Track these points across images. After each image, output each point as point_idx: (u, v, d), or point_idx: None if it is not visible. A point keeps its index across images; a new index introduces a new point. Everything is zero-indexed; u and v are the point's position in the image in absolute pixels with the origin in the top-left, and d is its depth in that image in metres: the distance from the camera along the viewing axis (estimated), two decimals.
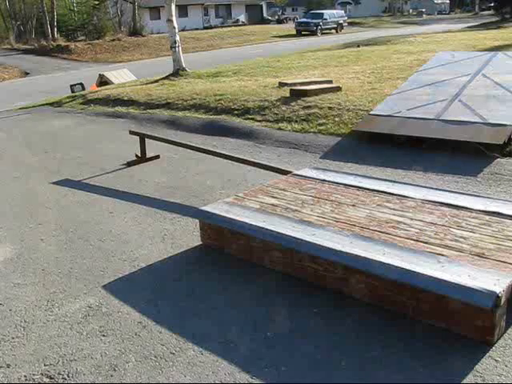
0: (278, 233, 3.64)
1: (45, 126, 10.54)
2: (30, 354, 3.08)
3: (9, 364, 3.01)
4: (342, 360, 2.81)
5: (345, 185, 4.50)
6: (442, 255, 3.15)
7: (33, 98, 15.31)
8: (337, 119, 7.86)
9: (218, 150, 6.31)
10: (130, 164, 6.97)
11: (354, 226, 3.64)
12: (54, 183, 6.44)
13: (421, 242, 3.36)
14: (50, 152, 8.19)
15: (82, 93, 14.10)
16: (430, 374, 2.67)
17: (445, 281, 2.87)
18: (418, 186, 4.57)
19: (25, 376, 2.90)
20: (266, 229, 3.72)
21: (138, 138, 7.08)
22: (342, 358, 2.83)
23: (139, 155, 7.04)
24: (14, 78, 26.94)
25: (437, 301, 2.95)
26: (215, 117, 9.27)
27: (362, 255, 3.20)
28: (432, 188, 4.48)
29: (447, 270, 2.97)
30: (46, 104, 13.40)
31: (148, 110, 10.62)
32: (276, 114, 8.62)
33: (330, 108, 8.32)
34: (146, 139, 7.06)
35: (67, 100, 13.28)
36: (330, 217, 3.83)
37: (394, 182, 4.65)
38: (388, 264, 3.07)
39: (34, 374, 2.91)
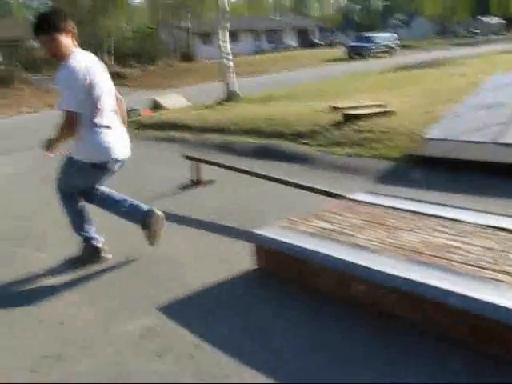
0: (333, 257, 3.64)
1: None
2: (89, 373, 3.16)
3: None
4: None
5: (399, 209, 4.47)
6: (501, 281, 3.09)
7: None
8: (390, 143, 7.82)
9: (270, 175, 6.34)
10: (184, 188, 7.08)
11: (410, 250, 3.61)
12: None
13: (478, 267, 3.30)
14: None
15: (136, 118, 14.41)
16: None
17: (503, 307, 2.82)
18: (474, 210, 4.50)
19: None
20: (321, 253, 3.73)
21: (191, 162, 7.20)
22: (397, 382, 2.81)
23: (194, 180, 7.14)
24: None
25: (495, 328, 2.89)
26: (267, 141, 9.34)
27: (418, 280, 3.18)
28: (490, 213, 4.40)
29: (506, 296, 2.92)
30: None
31: (201, 135, 10.77)
32: (328, 138, 8.64)
33: (382, 132, 8.29)
34: (201, 163, 7.17)
35: None
36: (384, 242, 3.81)
37: (450, 206, 4.59)
38: (444, 289, 3.04)
39: None
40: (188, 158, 7.29)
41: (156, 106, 16.37)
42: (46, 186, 5.43)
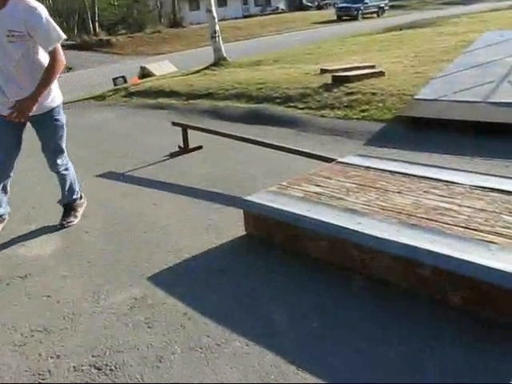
0: (323, 222, 3.58)
1: (88, 120, 10.65)
2: (79, 346, 3.10)
3: (58, 355, 3.04)
4: (390, 352, 2.74)
5: (390, 171, 4.40)
6: (493, 243, 3.03)
7: (76, 92, 15.48)
8: (380, 105, 7.73)
9: (260, 139, 6.25)
10: (172, 155, 6.98)
11: (401, 213, 3.55)
12: (97, 176, 6.49)
13: (470, 229, 3.25)
14: (94, 145, 8.27)
15: (124, 86, 14.21)
16: (483, 367, 2.58)
17: (496, 269, 2.77)
18: (466, 171, 4.43)
19: (74, 367, 2.92)
20: (311, 218, 3.66)
21: (180, 128, 7.09)
22: (389, 349, 2.76)
23: (182, 146, 7.04)
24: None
25: (488, 290, 2.84)
26: (257, 106, 9.22)
27: (410, 243, 3.12)
28: (481, 173, 4.34)
29: (499, 258, 2.86)
30: (89, 98, 13.53)
31: (190, 101, 10.64)
32: (318, 101, 8.53)
33: (373, 93, 8.19)
34: (189, 130, 7.07)
35: (110, 93, 13.40)
36: (375, 204, 3.74)
37: (441, 167, 4.52)
38: (436, 252, 2.98)
39: (82, 365, 2.93)
40: (175, 124, 7.18)
41: (144, 74, 16.14)
42: (35, 159, 5.33)
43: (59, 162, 4.71)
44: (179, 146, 7.06)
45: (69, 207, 4.95)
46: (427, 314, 3.01)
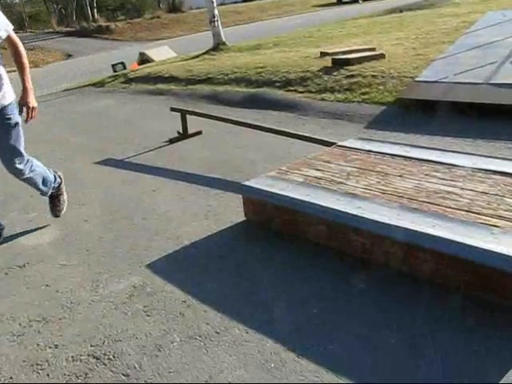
0: (323, 206, 3.53)
1: (88, 107, 10.60)
2: (77, 335, 3.07)
3: (57, 344, 3.01)
4: (391, 337, 2.69)
5: (391, 155, 4.34)
6: (496, 226, 2.98)
7: (76, 79, 15.42)
8: (381, 87, 7.64)
9: (259, 124, 6.20)
10: (172, 141, 6.93)
11: (402, 197, 3.50)
12: (97, 163, 6.46)
13: (472, 212, 3.19)
14: (93, 132, 8.23)
15: (124, 72, 14.11)
16: (485, 352, 2.54)
17: (499, 253, 2.72)
18: (467, 153, 4.38)
19: (72, 356, 2.90)
20: (311, 202, 3.61)
21: (179, 114, 7.03)
22: (390, 335, 2.72)
23: (181, 132, 6.99)
24: (58, 61, 27.21)
25: (491, 275, 2.80)
26: (256, 90, 9.14)
27: (411, 228, 3.07)
28: (483, 156, 4.28)
29: (502, 241, 2.81)
30: (89, 85, 13.47)
31: (189, 86, 10.56)
32: (318, 84, 8.45)
33: (373, 76, 8.09)
34: (188, 115, 7.01)
35: (109, 80, 13.33)
36: (376, 188, 3.69)
37: (443, 150, 4.46)
38: (438, 237, 2.93)
39: (80, 355, 2.90)
40: (174, 109, 7.12)
41: (143, 60, 16.02)
42: (35, 146, 5.28)
43: (20, 166, 4.17)
44: (178, 132, 7.00)
45: (52, 196, 4.68)
46: (428, 299, 2.96)
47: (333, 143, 4.88)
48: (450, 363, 2.47)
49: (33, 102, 4.10)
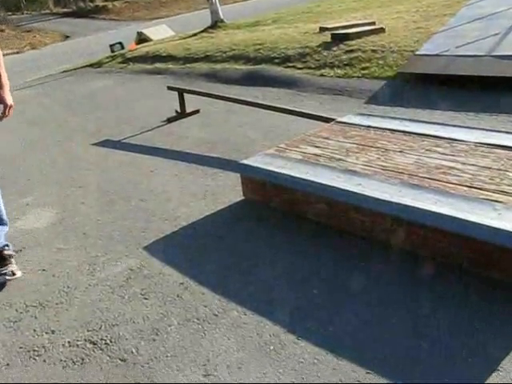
0: (322, 184, 3.45)
1: (85, 88, 10.49)
2: (74, 320, 3.02)
3: (53, 330, 2.96)
4: (392, 318, 2.63)
5: (391, 130, 4.25)
6: (499, 202, 2.90)
7: (74, 60, 15.25)
8: (381, 62, 7.52)
9: (258, 101, 6.12)
10: (169, 120, 6.84)
11: (402, 173, 3.42)
12: (94, 144, 6.38)
13: (475, 188, 3.11)
14: (91, 113, 8.14)
15: (121, 52, 13.95)
16: (488, 329, 2.48)
17: (502, 230, 2.64)
18: (469, 127, 4.28)
19: (69, 342, 2.85)
20: (310, 180, 3.53)
21: (177, 93, 6.93)
22: (392, 314, 2.66)
23: (179, 111, 6.89)
24: (55, 43, 26.96)
25: (494, 251, 2.73)
26: (255, 67, 9.02)
27: (412, 205, 2.99)
28: (485, 129, 4.19)
29: (505, 217, 2.73)
30: (87, 65, 13.33)
31: (187, 65, 10.43)
32: (317, 60, 8.31)
33: (373, 51, 7.96)
34: (186, 94, 6.91)
35: (107, 60, 13.19)
36: (376, 165, 3.61)
37: (444, 124, 4.37)
38: (440, 214, 2.86)
39: (77, 340, 2.85)
40: (171, 88, 7.02)
41: (141, 39, 15.84)
42: (33, 128, 5.21)
43: None
44: (176, 111, 6.91)
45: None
46: (431, 277, 2.90)
47: (332, 119, 4.79)
48: (453, 341, 2.41)
49: (9, 99, 3.63)
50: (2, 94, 3.61)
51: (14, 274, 3.53)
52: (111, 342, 2.80)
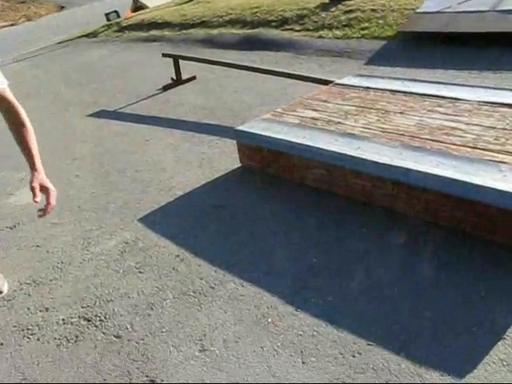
0: (320, 148, 3.33)
1: (81, 58, 10.29)
2: (68, 296, 2.94)
3: (47, 307, 2.88)
4: (394, 286, 2.53)
5: (391, 91, 4.11)
6: (504, 163, 2.78)
7: (70, 31, 14.99)
8: (381, 22, 7.31)
9: (255, 65, 5.95)
10: (165, 88, 6.69)
11: (403, 135, 3.29)
12: (89, 115, 6.25)
13: (479, 148, 2.98)
14: (86, 84, 7.98)
15: (117, 20, 13.68)
16: (492, 294, 2.38)
17: (507, 192, 2.52)
18: (472, 86, 4.13)
19: (63, 319, 2.77)
20: (307, 145, 3.41)
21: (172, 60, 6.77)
22: (394, 282, 2.56)
23: (174, 78, 6.74)
24: (51, 13, 26.55)
25: (499, 215, 2.61)
26: (252, 31, 8.80)
27: (413, 168, 2.87)
28: (489, 87, 4.03)
29: (510, 179, 2.61)
30: (82, 36, 13.08)
31: (183, 31, 10.21)
32: (315, 21, 8.10)
33: (373, 10, 7.74)
34: (182, 61, 6.74)
35: (102, 29, 12.93)
36: (376, 127, 3.48)
37: (446, 83, 4.22)
38: (442, 177, 2.73)
39: (71, 317, 2.77)
40: (165, 55, 6.84)
41: (137, 7, 15.52)
42: (28, 101, 5.08)
43: None
44: (172, 78, 6.75)
45: None
46: (434, 242, 2.80)
47: (330, 81, 4.64)
48: (457, 310, 2.31)
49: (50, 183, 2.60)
50: (42, 179, 2.58)
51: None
52: (105, 318, 2.72)
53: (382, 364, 2.10)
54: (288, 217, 3.30)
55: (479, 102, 3.66)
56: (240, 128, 3.92)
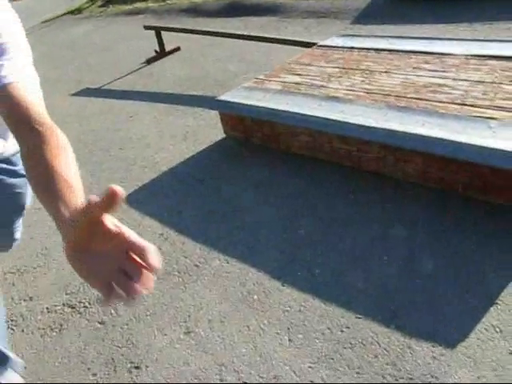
0: (303, 114, 3.19)
1: (66, 37, 10.09)
2: (52, 284, 2.86)
3: (31, 296, 2.81)
4: (384, 255, 2.44)
5: (376, 50, 3.97)
6: (493, 118, 2.65)
7: (53, 10, 14.72)
8: None
9: (237, 32, 5.77)
10: (149, 61, 6.53)
11: (389, 95, 3.16)
12: (73, 94, 6.11)
13: (467, 105, 2.86)
14: (71, 62, 7.82)
15: None
16: (486, 260, 2.29)
17: (497, 150, 2.40)
18: (460, 39, 3.98)
19: (47, 308, 2.69)
20: (290, 111, 3.27)
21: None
22: (383, 252, 2.46)
23: (158, 50, 6.57)
24: None
25: (490, 174, 2.50)
26: None
27: (398, 129, 2.74)
28: (477, 40, 3.89)
29: (499, 135, 2.49)
30: (67, 13, 12.84)
31: (167, 1, 9.99)
32: None
33: None
34: (166, 32, 6.56)
35: (87, 5, 12.70)
36: (360, 88, 3.34)
37: (433, 38, 4.07)
38: (428, 137, 2.61)
39: (55, 305, 2.69)
40: (147, 27, 6.66)
41: None
42: None
43: None
44: (155, 51, 6.59)
45: None
46: (424, 206, 2.70)
47: (314, 44, 4.48)
48: (449, 276, 2.22)
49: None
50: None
51: None
52: (89, 304, 2.64)
53: (371, 338, 2.02)
54: (273, 187, 3.20)
55: (467, 55, 3.53)
56: (221, 98, 3.78)
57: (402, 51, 3.81)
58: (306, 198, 3.01)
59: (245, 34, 5.61)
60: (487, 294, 2.07)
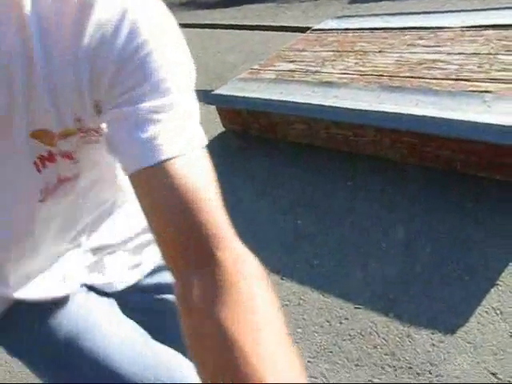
0: (296, 103, 3.13)
1: None
2: None
3: None
4: (383, 241, 2.39)
5: (370, 29, 3.89)
6: (488, 92, 2.57)
7: None
8: None
9: (233, 23, 5.72)
10: None
11: (382, 76, 3.09)
12: None
13: (462, 80, 2.78)
14: None
15: None
16: (486, 239, 2.23)
17: (492, 124, 2.32)
18: (454, 11, 3.89)
19: None
20: (283, 101, 3.21)
21: None
22: (381, 238, 2.41)
23: None
24: None
25: (487, 150, 2.43)
26: None
27: (391, 111, 2.68)
28: (472, 10, 3.80)
29: (494, 109, 2.41)
30: None
31: None
32: None
33: None
34: None
35: None
36: (353, 71, 3.28)
37: (427, 13, 3.97)
38: (421, 116, 2.55)
39: None
40: None
41: None
42: None
43: None
44: None
45: None
46: (422, 186, 2.64)
47: (308, 28, 4.41)
48: (448, 257, 2.17)
49: None
50: None
51: None
52: None
53: (369, 328, 1.98)
54: (270, 177, 3.16)
55: (462, 27, 3.44)
56: (216, 92, 3.73)
57: (397, 28, 3.73)
58: (304, 187, 2.96)
59: (238, 23, 5.56)
60: (488, 275, 2.02)
